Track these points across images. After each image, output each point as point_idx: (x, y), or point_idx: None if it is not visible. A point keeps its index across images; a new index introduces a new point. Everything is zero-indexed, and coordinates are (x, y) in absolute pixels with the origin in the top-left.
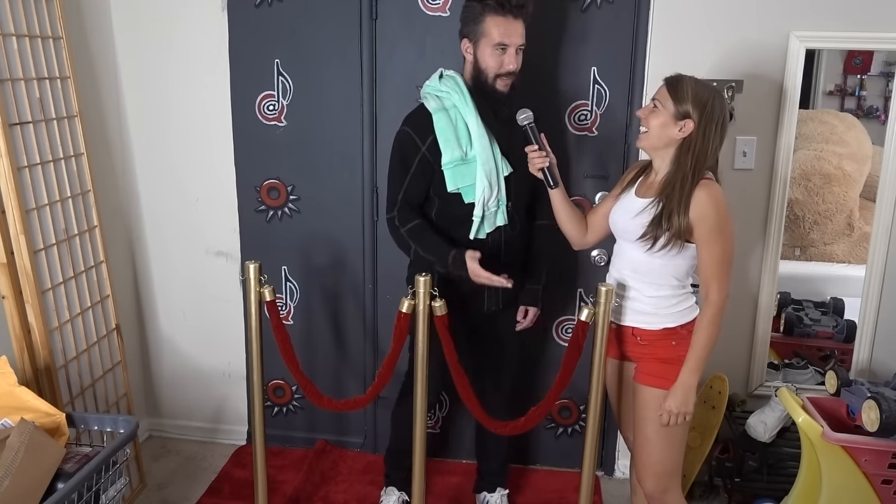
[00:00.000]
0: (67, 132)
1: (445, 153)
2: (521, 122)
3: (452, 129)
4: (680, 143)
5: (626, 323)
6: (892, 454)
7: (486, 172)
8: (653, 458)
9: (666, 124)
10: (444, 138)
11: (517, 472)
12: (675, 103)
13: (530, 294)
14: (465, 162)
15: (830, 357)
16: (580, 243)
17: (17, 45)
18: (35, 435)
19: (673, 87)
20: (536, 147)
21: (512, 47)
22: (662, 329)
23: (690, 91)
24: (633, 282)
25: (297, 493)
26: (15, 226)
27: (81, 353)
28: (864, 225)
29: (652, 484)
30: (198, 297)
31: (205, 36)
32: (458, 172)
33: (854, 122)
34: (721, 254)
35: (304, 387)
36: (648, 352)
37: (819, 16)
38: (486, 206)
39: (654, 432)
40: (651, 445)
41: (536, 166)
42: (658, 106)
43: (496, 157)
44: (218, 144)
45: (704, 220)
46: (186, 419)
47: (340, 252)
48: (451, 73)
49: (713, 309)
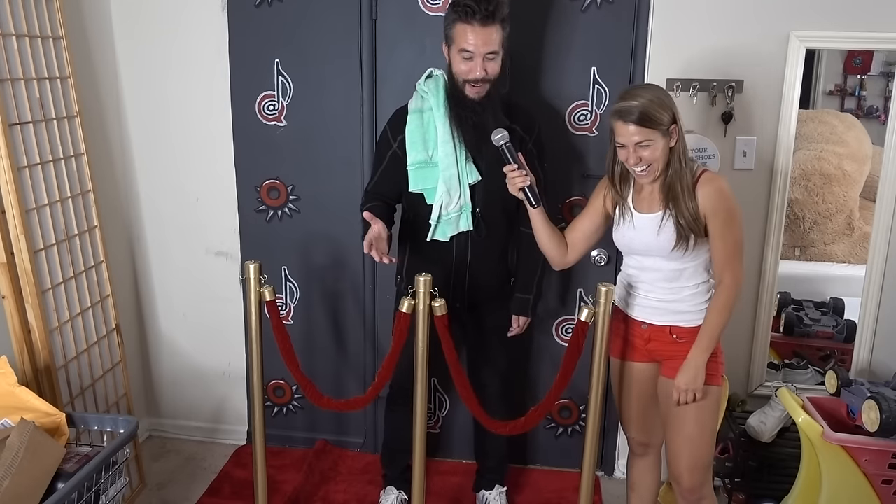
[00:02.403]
0: (67, 132)
1: (410, 154)
2: (497, 143)
3: (421, 132)
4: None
5: (664, 322)
6: (892, 454)
7: (445, 178)
8: (695, 454)
9: (664, 147)
10: (411, 140)
11: (517, 471)
12: (656, 129)
13: (519, 303)
14: (429, 165)
15: (830, 357)
16: (561, 263)
17: (17, 45)
18: (35, 435)
19: (646, 119)
20: (515, 167)
21: (478, 55)
22: (700, 325)
23: (654, 108)
24: (672, 287)
25: (297, 493)
26: (15, 226)
27: (81, 353)
28: (864, 225)
29: (692, 479)
30: (198, 297)
31: (205, 36)
32: (421, 174)
33: (854, 122)
34: (734, 242)
35: (304, 387)
36: (685, 349)
37: (819, 16)
38: (443, 211)
39: (696, 429)
40: (692, 443)
41: (517, 185)
42: (646, 143)
43: (460, 163)
44: (218, 144)
45: (717, 212)
46: (186, 419)
47: (340, 252)
48: (438, 74)
49: (729, 292)
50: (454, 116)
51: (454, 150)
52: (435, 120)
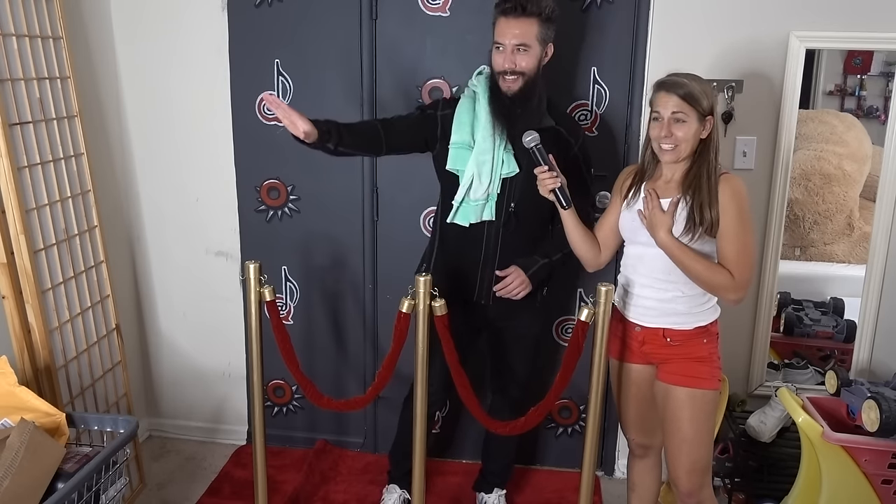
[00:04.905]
0: (67, 132)
1: (455, 133)
2: (527, 144)
3: (470, 115)
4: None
5: (657, 325)
6: (892, 454)
7: (478, 162)
8: (692, 457)
9: (696, 130)
10: (459, 120)
11: (517, 472)
12: (695, 109)
13: (529, 261)
14: (470, 147)
15: (830, 357)
16: (594, 263)
17: (17, 45)
18: (35, 435)
19: (689, 96)
20: (546, 168)
21: (508, 47)
22: (695, 328)
23: (698, 89)
24: (667, 284)
25: (297, 493)
26: (15, 226)
27: (81, 353)
28: (864, 225)
29: (691, 482)
30: (198, 297)
31: (205, 36)
32: (460, 155)
33: (854, 122)
34: (744, 243)
35: (304, 387)
36: (679, 352)
37: (819, 16)
38: (470, 195)
39: (692, 432)
40: (689, 445)
41: (548, 187)
42: (682, 118)
43: (497, 152)
44: (218, 144)
45: (730, 211)
46: (186, 419)
47: (340, 252)
48: (487, 70)
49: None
50: (497, 106)
51: (493, 138)
52: (480, 108)
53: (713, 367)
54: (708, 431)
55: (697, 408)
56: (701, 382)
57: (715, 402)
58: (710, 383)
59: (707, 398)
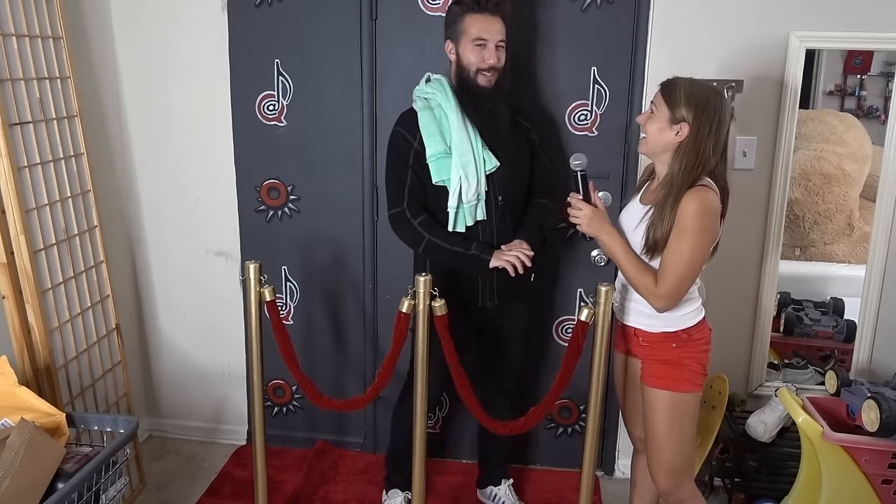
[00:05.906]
0: (67, 132)
1: (429, 146)
2: (574, 168)
3: (436, 125)
4: (676, 146)
5: (629, 323)
6: (892, 454)
7: (462, 164)
8: (665, 457)
9: (662, 129)
10: (427, 133)
11: (517, 471)
12: (669, 108)
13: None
14: (448, 155)
15: (830, 357)
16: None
17: (17, 45)
18: (35, 435)
19: (667, 92)
20: (580, 196)
21: (491, 42)
22: (662, 332)
23: (684, 94)
24: None
25: (297, 493)
26: (15, 226)
27: (81, 353)
28: (864, 225)
29: (665, 481)
30: (198, 297)
31: (205, 36)
32: (442, 165)
33: (854, 122)
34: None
35: (304, 387)
36: (651, 353)
37: (819, 16)
38: (463, 198)
39: (663, 432)
40: (661, 445)
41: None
42: (654, 111)
43: (475, 150)
44: (218, 144)
45: (679, 225)
46: (186, 419)
47: (340, 252)
48: (438, 77)
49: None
50: (467, 106)
51: (469, 138)
52: (446, 112)
53: (686, 370)
54: (681, 433)
55: (669, 409)
56: (671, 384)
57: (691, 404)
58: (683, 385)
59: (678, 400)
